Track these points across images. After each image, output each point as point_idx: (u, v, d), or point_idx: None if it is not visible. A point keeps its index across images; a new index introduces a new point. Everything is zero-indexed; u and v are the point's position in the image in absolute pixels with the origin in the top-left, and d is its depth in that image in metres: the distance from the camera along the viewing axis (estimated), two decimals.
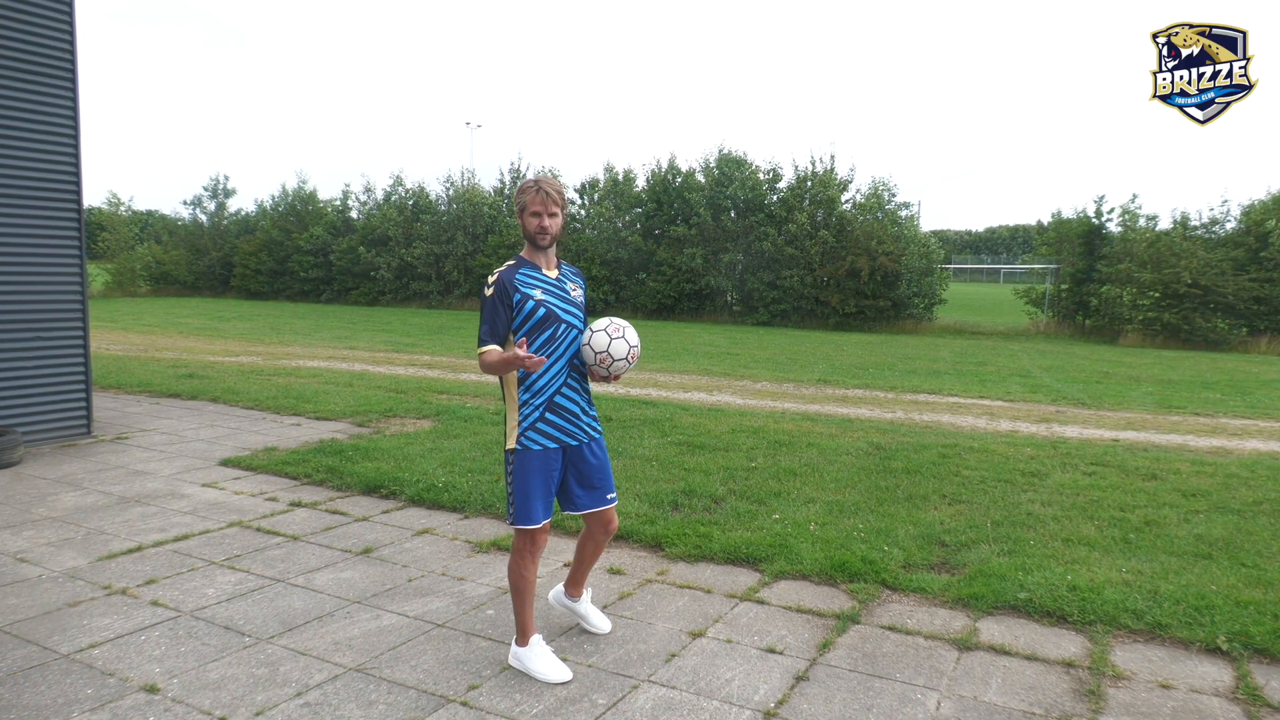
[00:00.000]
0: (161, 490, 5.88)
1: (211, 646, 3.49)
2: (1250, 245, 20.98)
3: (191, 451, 7.06)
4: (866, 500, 5.66)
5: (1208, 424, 9.36)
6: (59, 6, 7.12)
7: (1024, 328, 23.84)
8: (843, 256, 24.07)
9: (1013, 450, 7.37)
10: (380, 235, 31.77)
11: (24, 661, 3.32)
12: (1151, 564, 4.48)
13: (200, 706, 3.01)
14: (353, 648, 3.51)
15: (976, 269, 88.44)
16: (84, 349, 7.52)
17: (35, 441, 7.14)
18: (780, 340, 19.84)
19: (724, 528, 5.03)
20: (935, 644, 3.63)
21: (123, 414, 8.68)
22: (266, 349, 15.59)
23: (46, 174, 7.13)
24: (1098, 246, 23.07)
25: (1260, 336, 20.32)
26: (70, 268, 7.37)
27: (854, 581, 4.28)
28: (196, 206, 38.26)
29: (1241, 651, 3.52)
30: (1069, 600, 3.97)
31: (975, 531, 5.00)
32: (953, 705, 3.11)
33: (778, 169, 26.65)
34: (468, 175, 35.33)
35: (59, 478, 6.16)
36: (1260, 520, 5.30)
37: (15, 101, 6.87)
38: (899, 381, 12.49)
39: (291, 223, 34.28)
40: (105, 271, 36.65)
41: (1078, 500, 5.74)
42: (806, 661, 3.44)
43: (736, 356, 15.84)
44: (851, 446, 7.36)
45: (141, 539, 4.82)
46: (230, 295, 35.32)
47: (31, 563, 4.42)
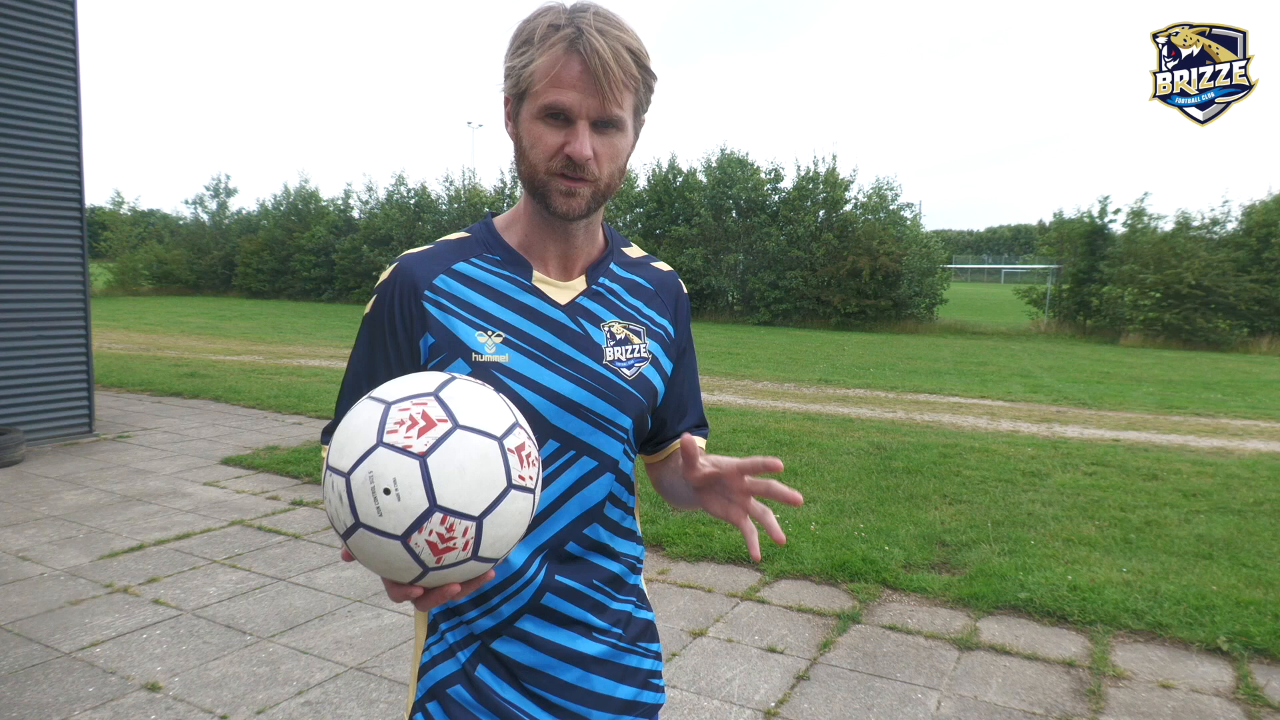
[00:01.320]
0: (163, 489, 5.89)
1: (213, 645, 3.50)
2: (1252, 246, 20.96)
3: (193, 450, 7.08)
4: (867, 500, 5.66)
5: (1208, 424, 9.35)
6: (61, 5, 7.13)
7: (1025, 328, 23.82)
8: (844, 256, 24.08)
9: (1013, 450, 7.37)
10: (382, 235, 31.79)
11: (26, 659, 3.33)
12: (1152, 564, 4.48)
13: (201, 705, 3.01)
14: (354, 646, 3.52)
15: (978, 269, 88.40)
16: (86, 348, 7.53)
17: (37, 440, 7.15)
18: (781, 340, 19.83)
19: (725, 527, 5.03)
20: (936, 644, 3.64)
21: (124, 413, 8.69)
22: (268, 348, 15.60)
23: (48, 173, 7.14)
24: (1100, 246, 23.05)
25: (1261, 337, 20.29)
26: (72, 267, 7.38)
27: (855, 581, 4.29)
28: (198, 206, 38.34)
29: (1242, 652, 3.53)
30: (1069, 600, 3.98)
31: (976, 531, 5.00)
32: (953, 705, 3.12)
33: (779, 169, 26.67)
34: (469, 175, 35.42)
35: (61, 476, 6.17)
36: (1261, 520, 5.30)
37: (17, 100, 6.88)
38: (900, 381, 12.48)
39: (293, 222, 34.31)
40: (107, 270, 36.68)
41: (1078, 500, 5.74)
42: (807, 661, 3.45)
43: (737, 356, 15.83)
44: (852, 446, 7.36)
45: (143, 537, 4.83)
46: (232, 294, 35.34)
47: (33, 561, 4.43)
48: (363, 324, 1.25)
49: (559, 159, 1.13)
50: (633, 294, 1.30)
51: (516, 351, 1.19)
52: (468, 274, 1.22)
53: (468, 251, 1.25)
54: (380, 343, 1.22)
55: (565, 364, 1.21)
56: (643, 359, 1.27)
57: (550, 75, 1.09)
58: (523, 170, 1.18)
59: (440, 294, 1.20)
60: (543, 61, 1.10)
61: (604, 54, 1.08)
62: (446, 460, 0.88)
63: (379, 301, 1.23)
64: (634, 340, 1.27)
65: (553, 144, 1.13)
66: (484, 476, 0.90)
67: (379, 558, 0.90)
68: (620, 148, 1.16)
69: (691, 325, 1.38)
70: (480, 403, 0.95)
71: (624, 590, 1.30)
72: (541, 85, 1.10)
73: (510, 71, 1.15)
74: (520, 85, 1.13)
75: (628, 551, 1.31)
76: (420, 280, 1.21)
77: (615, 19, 1.12)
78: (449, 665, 1.23)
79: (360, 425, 0.92)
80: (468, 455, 0.89)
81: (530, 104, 1.13)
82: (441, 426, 0.90)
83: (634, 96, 1.14)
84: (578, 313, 1.24)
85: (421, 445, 0.88)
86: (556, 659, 1.21)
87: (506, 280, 1.23)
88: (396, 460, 0.88)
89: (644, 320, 1.29)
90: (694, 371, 1.40)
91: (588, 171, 1.13)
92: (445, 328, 1.19)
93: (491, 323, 1.20)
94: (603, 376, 1.22)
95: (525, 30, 1.13)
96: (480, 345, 1.18)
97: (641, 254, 1.37)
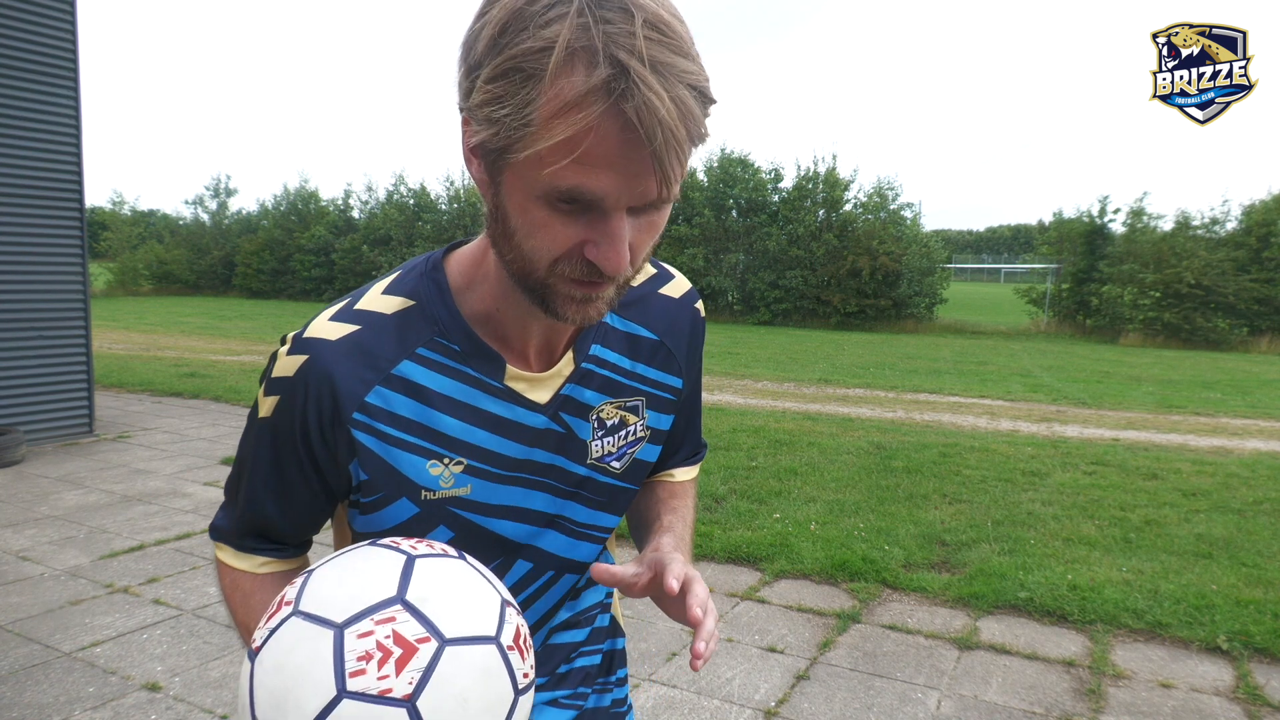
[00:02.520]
0: (163, 489, 5.89)
1: (213, 645, 3.50)
2: (1252, 245, 20.96)
3: (193, 450, 7.08)
4: (867, 499, 5.66)
5: (1208, 424, 9.35)
6: (61, 6, 7.13)
7: (1024, 327, 23.82)
8: (844, 256, 24.09)
9: (1013, 450, 7.37)
10: (382, 235, 31.80)
11: (26, 659, 3.33)
12: (1152, 563, 4.48)
13: (202, 705, 3.01)
14: None
15: (977, 268, 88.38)
16: (86, 348, 7.53)
17: (37, 440, 7.15)
18: (781, 339, 19.83)
19: (725, 527, 5.03)
20: (936, 643, 3.64)
21: (125, 413, 8.69)
22: (268, 348, 15.59)
23: (48, 173, 7.14)
24: (1100, 246, 23.06)
25: (1261, 336, 20.29)
26: (72, 267, 7.38)
27: (855, 581, 4.29)
28: (198, 206, 38.33)
29: (1242, 651, 3.53)
30: (1069, 599, 3.98)
31: (976, 531, 5.01)
32: (953, 704, 3.12)
33: (780, 169, 26.69)
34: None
35: (61, 476, 6.17)
36: (1260, 520, 5.31)
37: (17, 100, 6.88)
38: (900, 381, 12.48)
39: (293, 222, 34.32)
40: (107, 270, 36.68)
41: (1078, 500, 5.74)
42: (807, 660, 3.45)
43: (737, 356, 15.83)
44: (852, 446, 7.36)
45: (143, 537, 4.83)
46: (232, 294, 35.34)
47: (34, 561, 4.43)
48: (259, 428, 0.88)
49: (574, 263, 0.75)
50: (632, 356, 0.98)
51: (481, 479, 0.89)
52: (414, 381, 0.86)
53: (414, 339, 0.86)
54: (292, 462, 0.88)
55: (541, 474, 0.92)
56: (637, 440, 0.99)
57: (573, 148, 0.67)
58: (507, 256, 0.79)
59: (375, 416, 0.85)
60: (560, 123, 0.66)
61: (665, 118, 0.65)
62: (443, 696, 0.64)
63: (284, 414, 0.85)
64: (629, 421, 0.98)
65: (565, 239, 0.73)
66: (490, 698, 0.67)
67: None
68: (660, 226, 0.77)
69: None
70: (461, 592, 0.70)
71: (597, 637, 1.10)
72: (555, 154, 0.67)
73: (487, 105, 0.69)
74: (510, 141, 0.69)
75: (598, 599, 1.08)
76: (344, 400, 0.84)
77: (672, 35, 0.67)
78: None
79: (303, 665, 0.64)
80: (467, 680, 0.66)
81: (527, 174, 0.70)
82: (425, 650, 0.65)
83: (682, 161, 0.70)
84: (561, 409, 0.92)
85: (405, 686, 0.63)
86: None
87: (469, 384, 0.88)
88: (375, 714, 0.62)
89: (644, 388, 1.00)
90: (698, 399, 1.13)
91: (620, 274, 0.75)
92: (383, 461, 0.85)
93: (448, 446, 0.87)
94: (586, 480, 0.96)
95: (519, 42, 0.66)
96: (433, 480, 0.87)
97: (647, 274, 1.02)
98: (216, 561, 0.98)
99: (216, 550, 0.98)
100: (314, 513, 0.93)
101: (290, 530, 0.95)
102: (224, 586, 0.97)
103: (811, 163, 26.62)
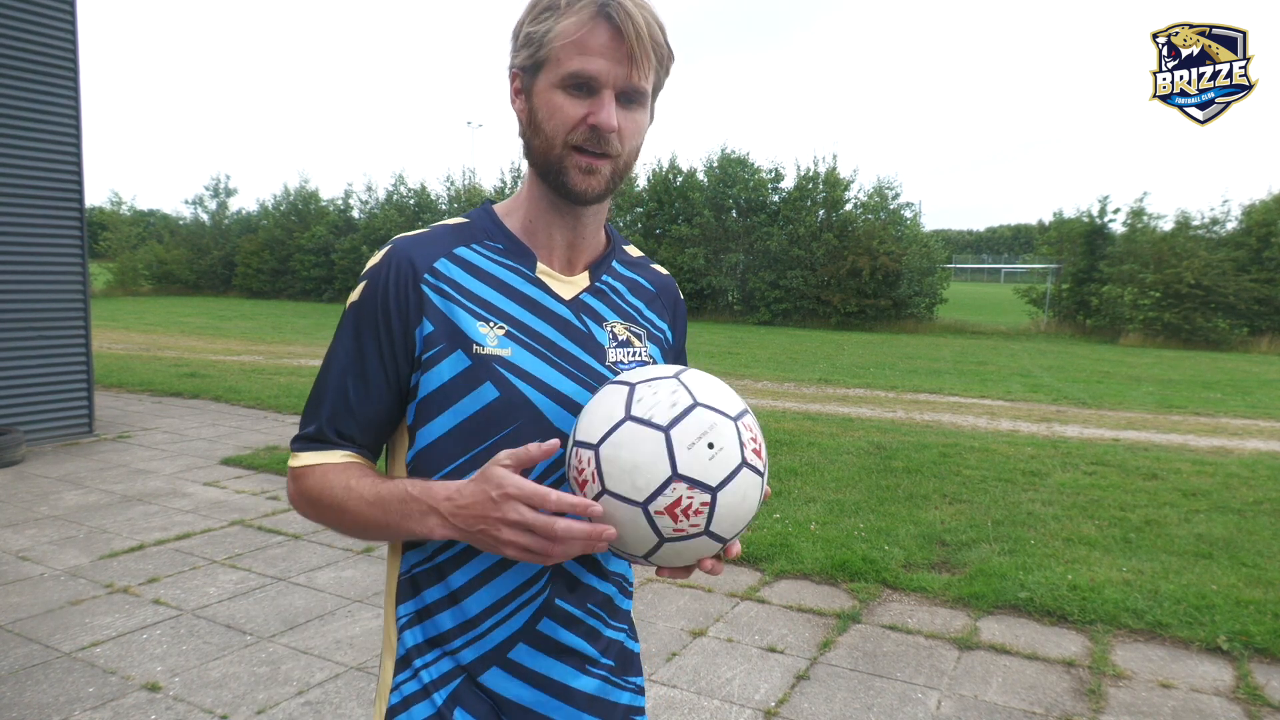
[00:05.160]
0: (163, 489, 5.89)
1: (213, 645, 3.50)
2: (1252, 245, 20.96)
3: (193, 450, 7.08)
4: (867, 499, 5.66)
5: (1208, 424, 9.36)
6: (61, 6, 7.13)
7: (1024, 327, 23.82)
8: (844, 256, 24.09)
9: (1013, 450, 7.37)
10: (382, 235, 31.78)
11: (26, 659, 3.33)
12: (1152, 563, 4.48)
13: (202, 705, 3.01)
14: (354, 646, 3.52)
15: (977, 268, 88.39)
16: (86, 348, 7.53)
17: (37, 440, 7.15)
18: (781, 339, 19.83)
19: None
20: (936, 643, 3.64)
21: (124, 413, 8.69)
22: (268, 348, 15.60)
23: (48, 173, 7.14)
24: (1100, 246, 23.06)
25: (1261, 336, 20.29)
26: (72, 267, 7.38)
27: (855, 581, 4.29)
28: (198, 206, 38.32)
29: (1242, 651, 3.53)
30: (1069, 599, 3.98)
31: (976, 531, 5.01)
32: (953, 704, 3.12)
33: (780, 169, 26.68)
34: (469, 175, 35.40)
35: (61, 476, 6.18)
36: (1261, 520, 5.31)
37: (17, 100, 6.88)
38: (900, 381, 12.48)
39: (293, 222, 34.32)
40: (107, 270, 36.67)
41: (1078, 500, 5.75)
42: (807, 660, 3.45)
43: (737, 356, 15.83)
44: (852, 446, 7.36)
45: (143, 537, 4.83)
46: (232, 294, 35.34)
47: (34, 561, 4.43)
48: (347, 313, 1.13)
49: (580, 131, 1.06)
50: (635, 294, 1.25)
51: (519, 345, 1.11)
52: (469, 260, 1.14)
53: (468, 237, 1.16)
54: (371, 334, 1.10)
55: (569, 362, 1.13)
56: (644, 363, 1.19)
57: (576, 40, 1.03)
58: (536, 145, 1.10)
59: (441, 279, 1.11)
60: (569, 25, 1.03)
61: (637, 20, 1.02)
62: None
63: (370, 288, 1.11)
64: (635, 343, 1.21)
65: (574, 115, 1.05)
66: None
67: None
68: (641, 124, 1.10)
69: (690, 326, 1.38)
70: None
71: (617, 616, 1.22)
72: (566, 52, 1.04)
73: (529, 39, 1.07)
74: (540, 53, 1.06)
75: (617, 569, 1.21)
76: (419, 264, 1.11)
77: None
78: (423, 708, 1.11)
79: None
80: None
81: (549, 73, 1.06)
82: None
83: (655, 73, 1.09)
84: (581, 310, 1.17)
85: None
86: (549, 695, 1.12)
87: (509, 270, 1.15)
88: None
89: (645, 323, 1.24)
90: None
91: (611, 145, 1.06)
92: (445, 316, 1.09)
93: (494, 313, 1.11)
94: (606, 379, 1.13)
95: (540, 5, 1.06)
96: (482, 337, 1.09)
97: (640, 254, 1.32)
98: (292, 474, 1.12)
99: (294, 460, 1.12)
100: (386, 403, 1.12)
101: (365, 422, 1.12)
102: (307, 489, 1.10)
103: (812, 162, 26.62)
